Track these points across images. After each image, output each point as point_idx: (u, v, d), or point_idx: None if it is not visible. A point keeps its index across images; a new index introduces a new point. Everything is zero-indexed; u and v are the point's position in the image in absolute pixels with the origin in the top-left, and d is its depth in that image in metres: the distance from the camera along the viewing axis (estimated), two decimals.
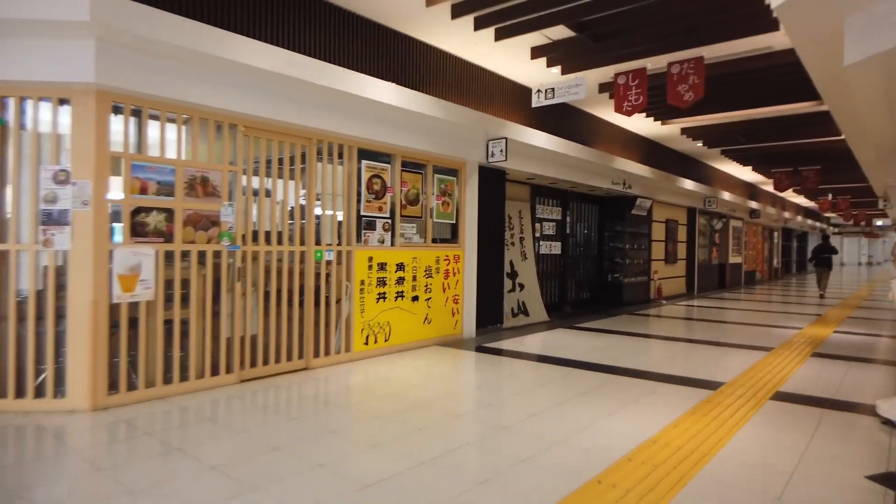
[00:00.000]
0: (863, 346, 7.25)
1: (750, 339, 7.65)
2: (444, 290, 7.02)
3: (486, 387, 5.03)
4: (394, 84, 5.86)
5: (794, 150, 12.73)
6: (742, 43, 6.57)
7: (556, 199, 10.54)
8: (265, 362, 5.18)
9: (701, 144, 12.43)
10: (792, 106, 9.03)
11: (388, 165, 6.35)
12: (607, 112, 10.02)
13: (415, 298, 6.62)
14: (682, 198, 14.03)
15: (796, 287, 19.42)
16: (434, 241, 6.98)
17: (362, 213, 6.06)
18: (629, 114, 6.59)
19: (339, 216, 5.90)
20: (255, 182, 5.19)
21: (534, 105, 6.72)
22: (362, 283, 5.96)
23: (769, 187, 20.52)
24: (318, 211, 5.66)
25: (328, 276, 5.71)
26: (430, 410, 4.20)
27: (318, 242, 5.63)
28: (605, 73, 7.40)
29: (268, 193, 5.37)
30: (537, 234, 9.89)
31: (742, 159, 14.11)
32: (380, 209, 6.22)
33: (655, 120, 10.05)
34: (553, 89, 6.52)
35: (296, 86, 5.04)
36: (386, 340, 6.25)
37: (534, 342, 7.31)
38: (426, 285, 6.77)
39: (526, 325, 8.70)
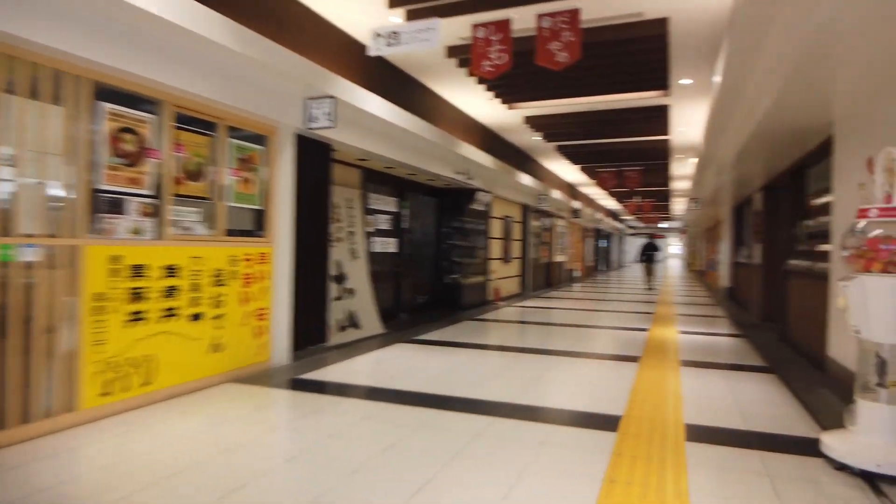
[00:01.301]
0: (716, 350, 6.85)
1: (610, 347, 6.87)
2: (243, 303, 5.00)
3: (301, 461, 3.21)
4: None
5: (622, 149, 12.82)
6: (612, 4, 5.61)
7: (392, 187, 8.98)
8: None
9: (541, 138, 11.86)
10: (640, 95, 8.59)
11: (153, 117, 4.17)
12: (452, 90, 8.73)
13: (196, 317, 4.51)
14: (519, 194, 13.46)
15: (615, 283, 20.50)
16: (230, 233, 4.93)
17: (102, 186, 3.82)
18: (491, 75, 5.24)
19: (57, 189, 3.60)
20: None
21: (371, 52, 5.02)
22: (100, 297, 3.73)
23: (587, 189, 21.44)
24: (6, 177, 3.32)
25: (30, 287, 3.39)
26: None
27: (4, 233, 3.29)
28: (458, 28, 5.99)
29: None
30: (370, 229, 8.23)
31: (574, 156, 14.01)
32: (134, 181, 4.02)
33: (504, 102, 9.02)
34: (397, 33, 4.90)
35: None
36: (146, 385, 4.07)
37: (368, 367, 5.63)
38: (216, 297, 4.70)
39: (357, 340, 6.98)
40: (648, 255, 17.48)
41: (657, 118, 9.85)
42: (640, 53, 6.79)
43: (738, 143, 6.88)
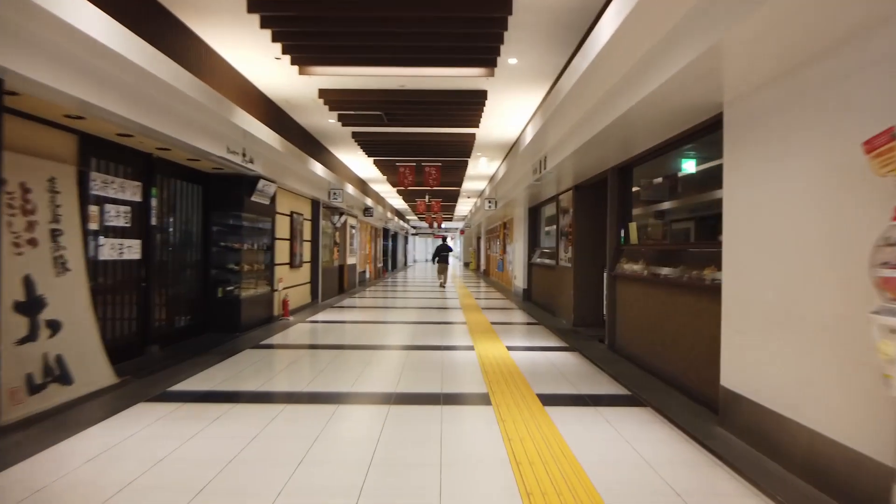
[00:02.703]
0: (562, 372, 5.85)
1: (448, 378, 5.38)
2: None
3: None
4: None
5: (425, 141, 11.63)
6: None
7: (134, 167, 6.27)
8: None
9: (336, 120, 9.98)
10: (460, 72, 7.31)
11: None
12: (229, 41, 6.37)
13: None
14: (310, 186, 11.37)
15: (410, 285, 19.49)
16: None
17: None
18: None
19: None
20: None
21: None
22: None
23: (378, 185, 20.11)
24: None
25: None
26: None
27: None
28: None
29: None
30: (94, 226, 5.48)
31: (371, 147, 12.40)
32: None
33: (295, 63, 6.93)
34: None
35: None
36: None
37: (61, 482, 3.19)
38: None
39: (66, 404, 4.34)
40: (443, 255, 18.68)
41: (471, 106, 8.77)
42: (473, 13, 5.41)
43: (584, 136, 5.98)
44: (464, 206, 29.68)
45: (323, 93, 8.42)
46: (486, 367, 6.01)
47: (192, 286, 7.89)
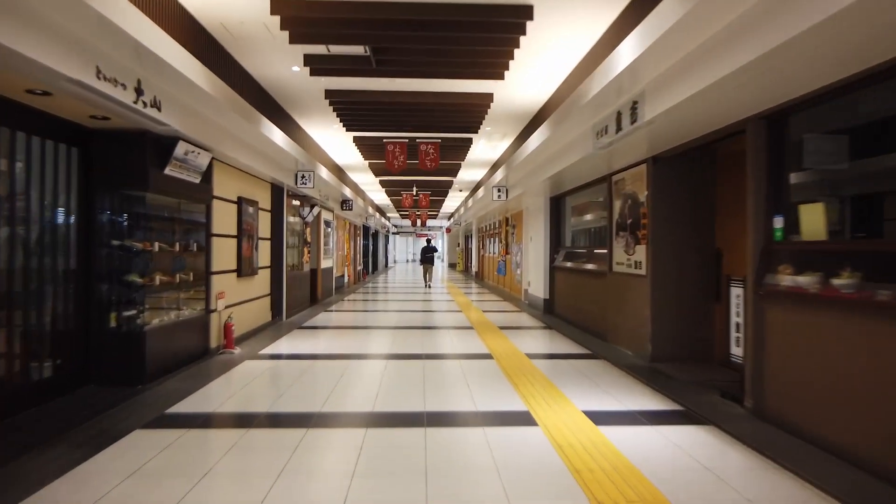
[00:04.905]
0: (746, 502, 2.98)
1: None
2: None
3: None
4: None
5: (422, 107, 8.68)
6: None
7: None
8: None
9: (300, 68, 6.97)
10: None
11: None
12: None
13: None
14: (268, 164, 8.32)
15: (398, 292, 16.45)
16: None
17: None
18: None
19: None
20: None
21: None
22: None
23: (358, 175, 17.05)
24: None
25: None
26: None
27: None
28: None
29: None
30: None
31: (350, 115, 9.38)
32: None
33: None
34: None
35: None
36: None
37: None
38: None
39: None
40: (428, 256, 18.58)
41: (503, 36, 5.84)
42: None
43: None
44: (451, 202, 26.74)
45: (278, 6, 5.39)
46: (581, 475, 3.11)
47: (63, 310, 4.82)
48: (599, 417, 4.23)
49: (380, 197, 23.54)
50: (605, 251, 7.88)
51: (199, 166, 5.98)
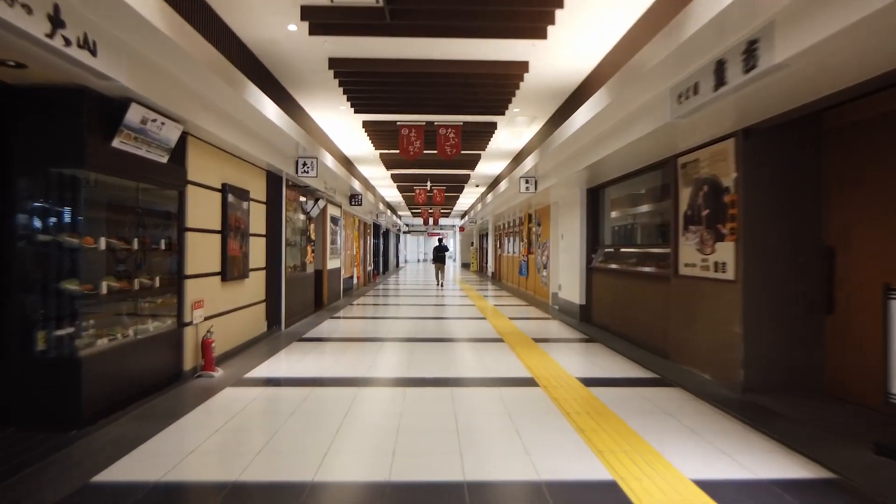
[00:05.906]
0: None
1: None
2: None
3: None
4: None
5: (443, 78, 7.34)
6: None
7: None
8: None
9: (296, 27, 5.66)
10: None
11: None
12: None
13: None
14: (261, 145, 7.00)
15: (411, 294, 15.09)
16: None
17: None
18: None
19: None
20: None
21: None
22: None
23: (367, 168, 15.73)
24: None
25: None
26: None
27: None
28: None
29: None
30: None
31: (358, 92, 8.05)
32: None
33: None
34: None
35: None
36: None
37: None
38: None
39: None
40: (440, 255, 18.60)
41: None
42: None
43: None
44: (466, 199, 25.37)
45: None
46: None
47: None
48: (720, 492, 2.86)
49: (391, 193, 22.25)
50: (666, 250, 6.50)
51: (164, 141, 4.67)
